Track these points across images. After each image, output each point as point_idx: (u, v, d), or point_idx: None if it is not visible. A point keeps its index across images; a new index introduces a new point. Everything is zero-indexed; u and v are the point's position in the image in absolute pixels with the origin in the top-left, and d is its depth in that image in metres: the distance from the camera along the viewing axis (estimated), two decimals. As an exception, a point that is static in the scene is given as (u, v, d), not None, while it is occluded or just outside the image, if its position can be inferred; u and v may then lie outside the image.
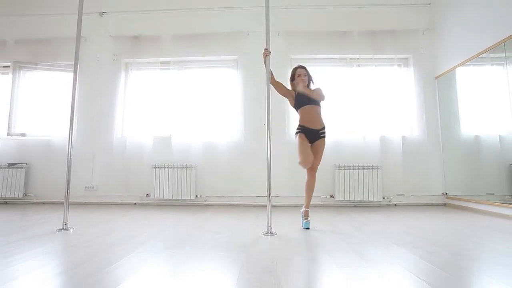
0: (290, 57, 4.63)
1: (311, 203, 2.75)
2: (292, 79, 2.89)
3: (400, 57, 4.63)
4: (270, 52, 2.73)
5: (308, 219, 2.67)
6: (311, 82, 2.87)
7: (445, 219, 3.16)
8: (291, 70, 2.96)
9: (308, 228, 2.61)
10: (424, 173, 4.39)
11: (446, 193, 4.30)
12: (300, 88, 2.73)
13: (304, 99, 2.76)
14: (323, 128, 2.76)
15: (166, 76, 4.73)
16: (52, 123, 4.71)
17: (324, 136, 2.76)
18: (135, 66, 4.79)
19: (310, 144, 2.74)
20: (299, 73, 2.84)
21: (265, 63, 2.72)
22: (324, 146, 2.76)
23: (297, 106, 2.82)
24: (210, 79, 4.77)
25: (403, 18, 4.63)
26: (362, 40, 4.59)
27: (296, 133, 2.76)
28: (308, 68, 2.90)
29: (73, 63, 2.82)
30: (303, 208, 2.72)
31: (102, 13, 4.84)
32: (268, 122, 2.60)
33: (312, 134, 2.72)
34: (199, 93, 4.70)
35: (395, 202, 4.33)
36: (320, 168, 4.27)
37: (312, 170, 2.74)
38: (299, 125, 2.77)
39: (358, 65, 4.63)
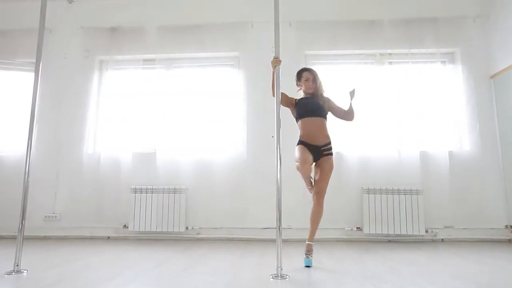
0: (304, 53, 4.64)
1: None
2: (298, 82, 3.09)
3: (444, 52, 4.63)
4: (281, 61, 2.76)
5: (310, 255, 2.80)
6: (321, 88, 3.02)
7: (511, 261, 3.11)
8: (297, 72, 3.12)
9: (309, 266, 2.74)
10: (480, 199, 4.31)
11: (511, 226, 4.21)
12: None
13: (306, 109, 2.92)
14: (328, 144, 2.91)
15: (150, 77, 4.77)
16: (4, 135, 4.74)
17: (328, 154, 2.89)
18: (112, 65, 4.84)
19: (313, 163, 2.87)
20: (306, 77, 3.00)
21: (274, 75, 2.75)
22: (330, 166, 2.88)
23: (297, 116, 2.98)
24: (205, 81, 4.80)
25: (447, 2, 4.65)
26: (395, 31, 4.60)
27: (297, 144, 2.91)
28: (326, 68, 2.97)
29: (34, 60, 2.87)
30: (306, 242, 2.84)
31: None
32: (277, 134, 2.61)
33: (313, 151, 2.83)
34: (192, 98, 4.73)
35: (441, 237, 4.26)
36: (342, 192, 4.32)
37: (317, 194, 2.88)
38: (299, 140, 2.95)
39: (390, 62, 4.65)
